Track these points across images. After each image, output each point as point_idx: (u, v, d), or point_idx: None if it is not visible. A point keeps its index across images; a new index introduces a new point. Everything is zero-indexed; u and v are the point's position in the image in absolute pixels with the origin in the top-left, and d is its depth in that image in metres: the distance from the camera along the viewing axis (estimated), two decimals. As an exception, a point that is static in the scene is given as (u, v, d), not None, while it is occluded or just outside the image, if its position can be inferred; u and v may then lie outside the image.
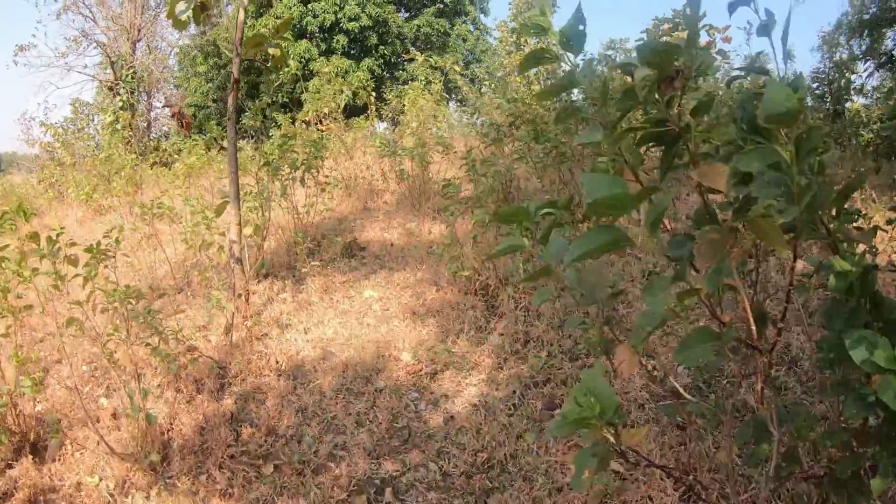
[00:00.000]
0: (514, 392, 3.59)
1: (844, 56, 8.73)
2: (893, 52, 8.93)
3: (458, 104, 13.38)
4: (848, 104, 7.74)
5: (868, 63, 8.78)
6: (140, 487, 2.98)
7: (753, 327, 1.36)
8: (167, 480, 2.97)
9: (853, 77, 8.75)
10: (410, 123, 7.89)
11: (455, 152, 7.22)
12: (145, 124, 14.80)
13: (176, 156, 8.31)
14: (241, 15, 4.14)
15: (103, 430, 3.43)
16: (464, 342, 4.13)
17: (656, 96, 1.18)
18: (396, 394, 3.66)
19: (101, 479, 3.07)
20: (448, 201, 4.59)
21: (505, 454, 3.08)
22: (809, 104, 7.35)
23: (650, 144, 1.33)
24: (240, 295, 4.31)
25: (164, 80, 18.72)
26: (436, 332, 4.32)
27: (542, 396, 3.53)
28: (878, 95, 8.34)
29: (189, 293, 5.11)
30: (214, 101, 19.16)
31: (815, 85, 8.53)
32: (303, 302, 4.89)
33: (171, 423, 3.39)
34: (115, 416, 3.51)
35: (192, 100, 19.38)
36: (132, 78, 14.65)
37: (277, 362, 4.02)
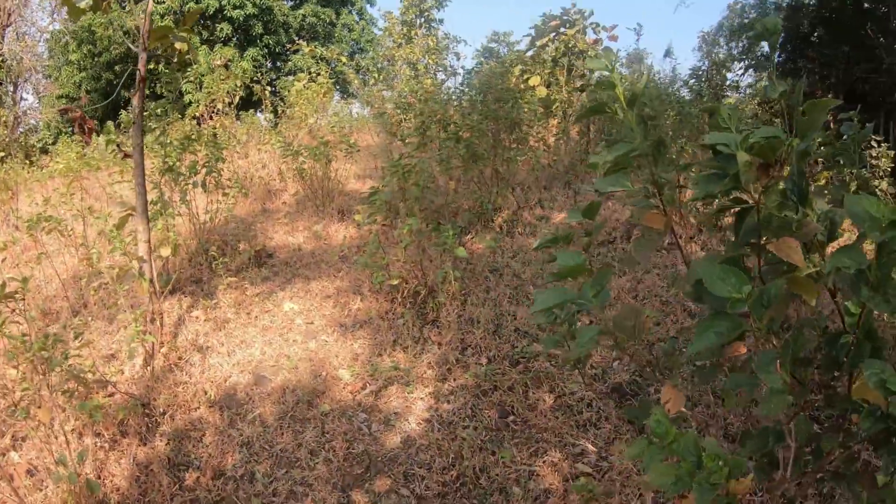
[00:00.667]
0: (465, 403, 3.55)
1: (722, 56, 9.47)
2: (768, 54, 9.85)
3: (344, 96, 13.00)
4: (724, 100, 8.41)
5: (743, 62, 9.63)
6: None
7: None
8: (118, 549, 2.64)
9: (729, 75, 9.58)
10: (306, 119, 7.56)
11: (358, 151, 7.02)
12: (13, 119, 12.92)
13: (48, 154, 7.40)
14: (150, 4, 3.69)
15: (20, 491, 2.97)
16: (401, 355, 4.02)
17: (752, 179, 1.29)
18: (344, 417, 3.50)
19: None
20: (371, 209, 4.43)
21: (473, 469, 3.04)
22: (688, 98, 7.91)
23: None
24: (153, 319, 3.91)
25: (34, 69, 16.51)
26: (369, 346, 4.18)
27: (493, 405, 3.52)
28: (751, 92, 9.16)
29: (87, 315, 4.57)
30: (88, 91, 17.18)
31: (692, 81, 9.22)
32: (218, 320, 4.54)
33: (100, 475, 3.01)
34: (30, 472, 3.05)
35: (64, 90, 17.27)
36: (1, 68, 12.77)
37: (206, 392, 3.70)
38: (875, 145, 5.60)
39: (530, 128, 6.63)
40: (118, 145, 4.21)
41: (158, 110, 5.08)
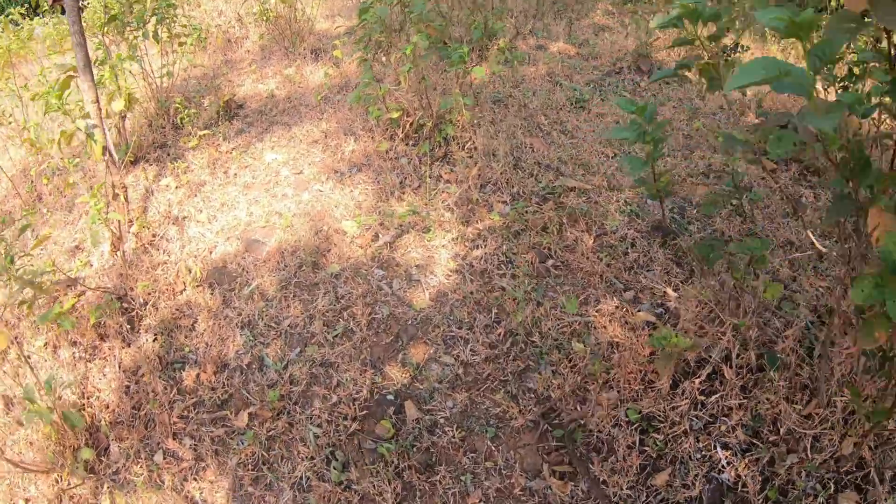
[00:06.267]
0: (496, 248, 2.82)
1: None
2: None
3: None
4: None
5: None
6: (84, 501, 1.96)
7: None
8: (114, 479, 1.98)
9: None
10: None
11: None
12: None
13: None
14: None
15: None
16: (411, 197, 3.23)
17: None
18: (359, 276, 2.77)
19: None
20: (363, 31, 3.40)
21: (522, 324, 2.37)
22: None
23: None
24: (116, 195, 3.04)
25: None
26: (373, 191, 3.36)
27: (529, 248, 2.79)
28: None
29: (43, 209, 3.67)
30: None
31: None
32: (192, 184, 3.67)
33: (84, 392, 2.30)
34: (8, 405, 2.32)
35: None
36: None
37: (190, 271, 2.93)
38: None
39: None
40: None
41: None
